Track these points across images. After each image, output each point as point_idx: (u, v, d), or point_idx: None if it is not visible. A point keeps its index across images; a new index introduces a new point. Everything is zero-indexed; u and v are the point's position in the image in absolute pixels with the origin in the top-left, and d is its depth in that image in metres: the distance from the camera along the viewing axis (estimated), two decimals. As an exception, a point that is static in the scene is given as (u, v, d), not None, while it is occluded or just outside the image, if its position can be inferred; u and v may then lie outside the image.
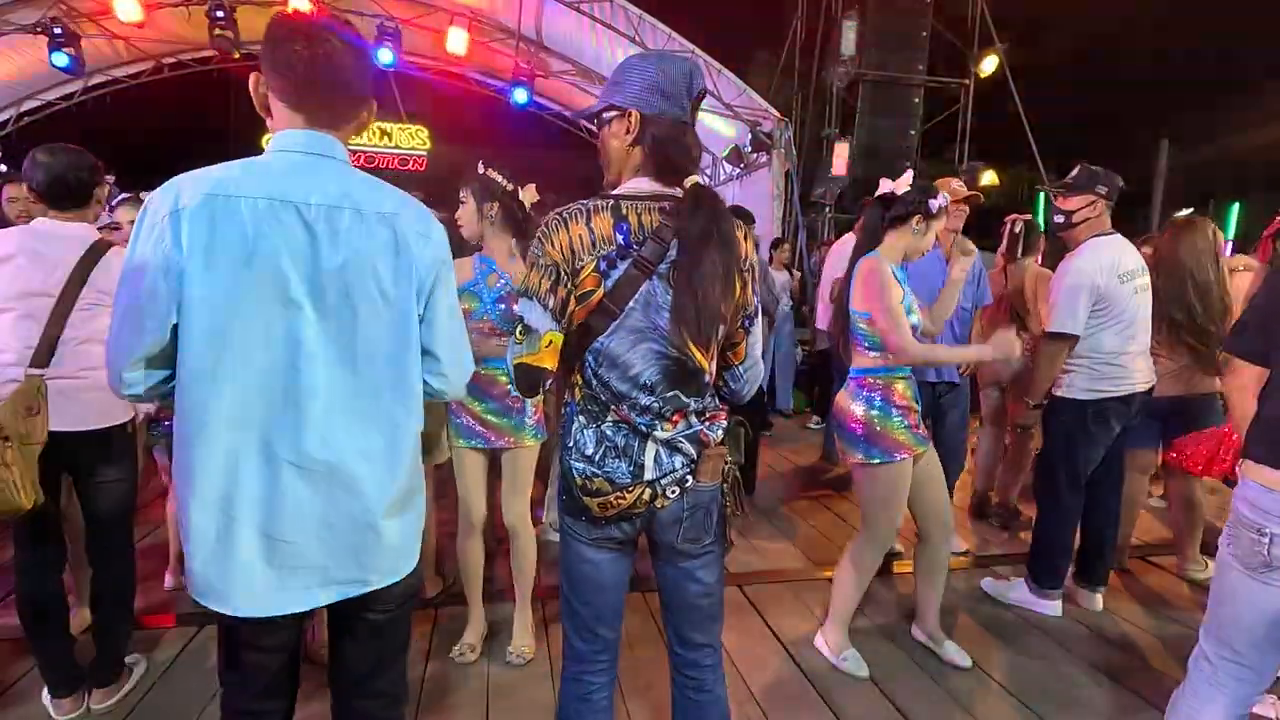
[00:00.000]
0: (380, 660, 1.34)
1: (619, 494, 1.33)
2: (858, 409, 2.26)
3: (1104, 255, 2.62)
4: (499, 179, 2.31)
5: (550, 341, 1.29)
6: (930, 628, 2.53)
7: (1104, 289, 2.60)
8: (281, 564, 1.15)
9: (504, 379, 2.28)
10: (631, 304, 1.30)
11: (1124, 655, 2.56)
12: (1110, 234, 2.68)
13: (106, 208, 2.68)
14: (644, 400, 1.32)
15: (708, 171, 8.98)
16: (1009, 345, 2.16)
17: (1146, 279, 2.71)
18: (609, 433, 1.33)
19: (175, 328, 1.10)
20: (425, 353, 1.27)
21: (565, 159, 9.44)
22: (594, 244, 1.28)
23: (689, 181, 1.34)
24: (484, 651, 2.45)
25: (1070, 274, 2.62)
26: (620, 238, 1.30)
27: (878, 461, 2.24)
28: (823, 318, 4.64)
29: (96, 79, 8.41)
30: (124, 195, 2.93)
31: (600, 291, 1.30)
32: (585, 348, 1.33)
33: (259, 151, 1.19)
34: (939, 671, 2.42)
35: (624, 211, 1.31)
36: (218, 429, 1.11)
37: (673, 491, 1.35)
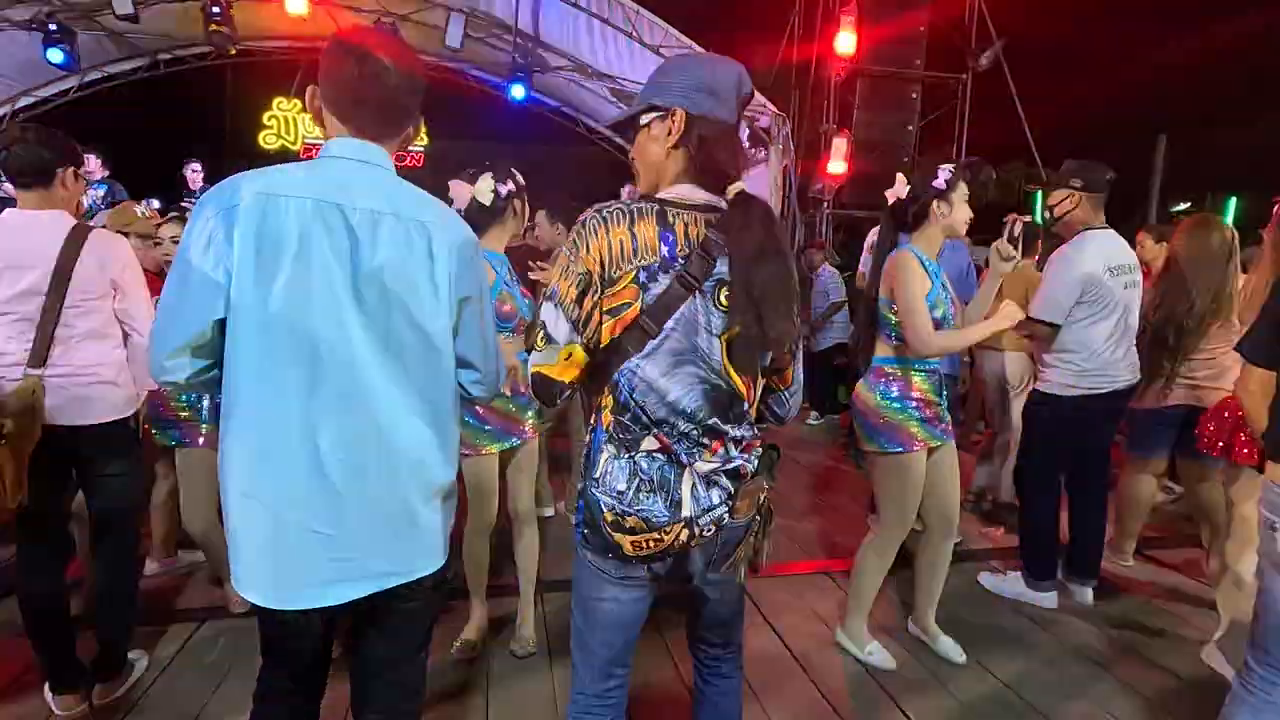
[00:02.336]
0: (406, 650, 1.37)
1: (657, 534, 1.21)
2: (874, 399, 2.28)
3: (1092, 248, 2.64)
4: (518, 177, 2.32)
5: (570, 355, 1.19)
6: (926, 623, 2.54)
7: (1092, 282, 2.61)
8: (323, 558, 1.18)
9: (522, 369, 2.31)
10: (672, 324, 1.19)
11: (1120, 648, 2.58)
12: (1101, 228, 2.69)
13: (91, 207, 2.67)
14: (683, 426, 1.22)
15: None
16: (1014, 312, 2.18)
17: (1135, 276, 2.70)
18: (643, 464, 1.22)
19: (221, 322, 1.13)
20: (462, 360, 1.31)
21: (563, 155, 9.43)
22: (635, 252, 1.18)
23: (733, 189, 1.25)
24: (485, 645, 2.46)
25: (1060, 265, 2.65)
26: (665, 249, 1.19)
27: (888, 451, 2.26)
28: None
29: (92, 75, 8.37)
30: (172, 213, 2.91)
31: (637, 306, 1.19)
32: (617, 368, 1.22)
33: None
34: (936, 665, 2.43)
35: (670, 220, 1.21)
36: (262, 422, 1.14)
37: (709, 531, 1.24)
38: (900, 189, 2.30)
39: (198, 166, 6.99)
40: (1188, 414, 2.90)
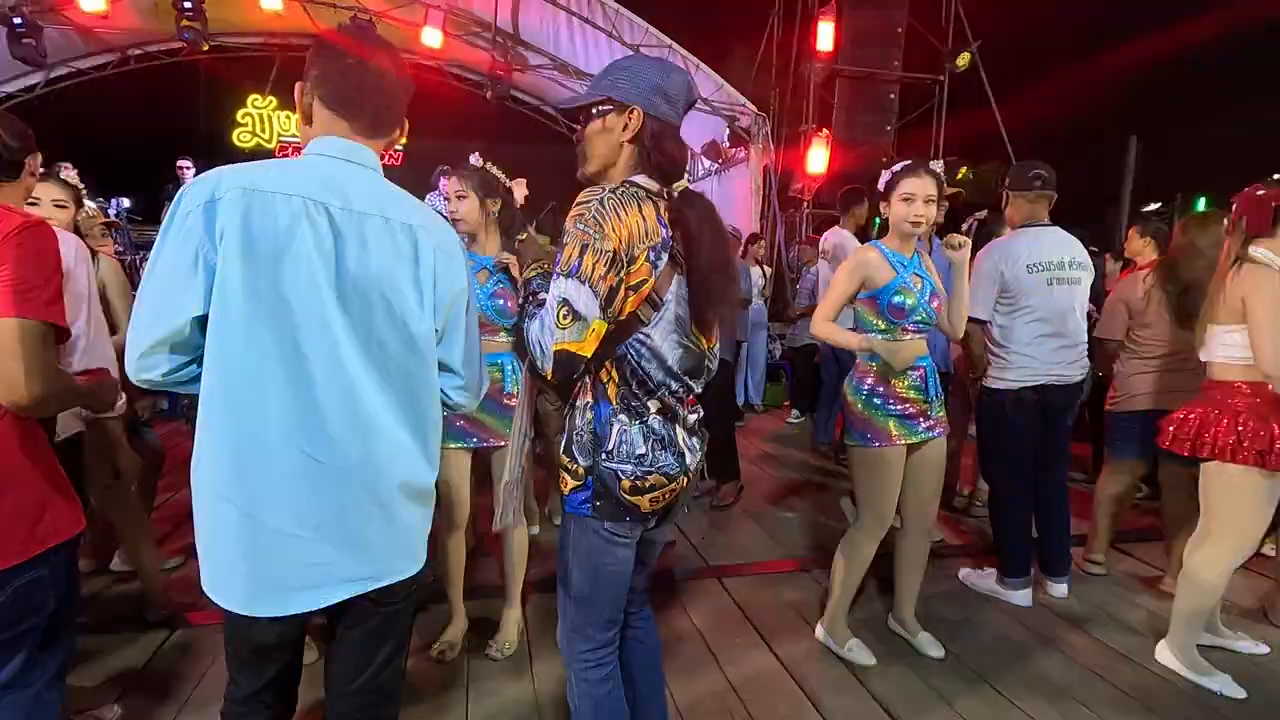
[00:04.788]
0: (383, 656, 1.34)
1: (672, 486, 1.41)
2: (852, 395, 2.33)
3: (1010, 245, 2.73)
4: (500, 176, 2.30)
5: (594, 330, 1.28)
6: (905, 618, 2.56)
7: (1007, 278, 2.69)
8: (300, 562, 1.15)
9: (498, 375, 2.28)
10: (669, 296, 1.36)
11: (1095, 642, 2.61)
12: (1034, 225, 2.76)
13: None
14: (674, 386, 1.41)
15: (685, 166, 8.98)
16: (883, 349, 2.20)
17: (1073, 273, 2.72)
18: (655, 426, 1.39)
19: (200, 318, 1.09)
20: (445, 367, 1.30)
21: (542, 153, 9.38)
22: (647, 234, 1.31)
23: (678, 186, 1.40)
24: (464, 647, 2.44)
25: (976, 262, 2.73)
26: (664, 231, 1.34)
27: (861, 445, 2.30)
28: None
29: (59, 71, 8.19)
30: (41, 170, 2.77)
31: (651, 281, 1.33)
32: (624, 340, 1.35)
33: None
34: (916, 661, 2.45)
35: (656, 205, 1.35)
36: (240, 420, 1.11)
37: (694, 475, 1.46)
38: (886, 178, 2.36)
39: (189, 164, 6.85)
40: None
